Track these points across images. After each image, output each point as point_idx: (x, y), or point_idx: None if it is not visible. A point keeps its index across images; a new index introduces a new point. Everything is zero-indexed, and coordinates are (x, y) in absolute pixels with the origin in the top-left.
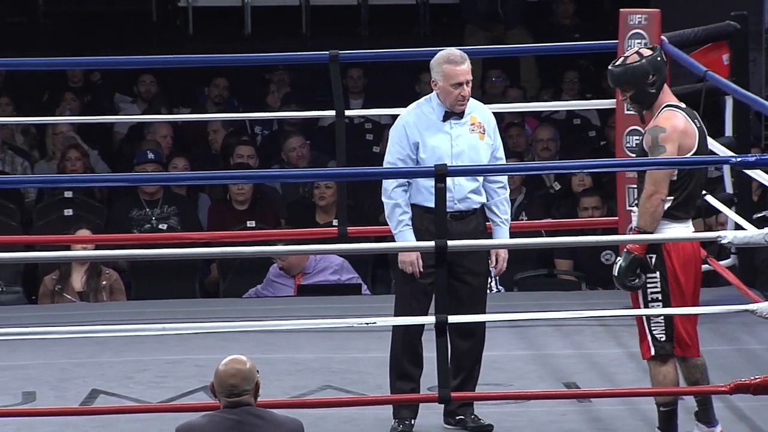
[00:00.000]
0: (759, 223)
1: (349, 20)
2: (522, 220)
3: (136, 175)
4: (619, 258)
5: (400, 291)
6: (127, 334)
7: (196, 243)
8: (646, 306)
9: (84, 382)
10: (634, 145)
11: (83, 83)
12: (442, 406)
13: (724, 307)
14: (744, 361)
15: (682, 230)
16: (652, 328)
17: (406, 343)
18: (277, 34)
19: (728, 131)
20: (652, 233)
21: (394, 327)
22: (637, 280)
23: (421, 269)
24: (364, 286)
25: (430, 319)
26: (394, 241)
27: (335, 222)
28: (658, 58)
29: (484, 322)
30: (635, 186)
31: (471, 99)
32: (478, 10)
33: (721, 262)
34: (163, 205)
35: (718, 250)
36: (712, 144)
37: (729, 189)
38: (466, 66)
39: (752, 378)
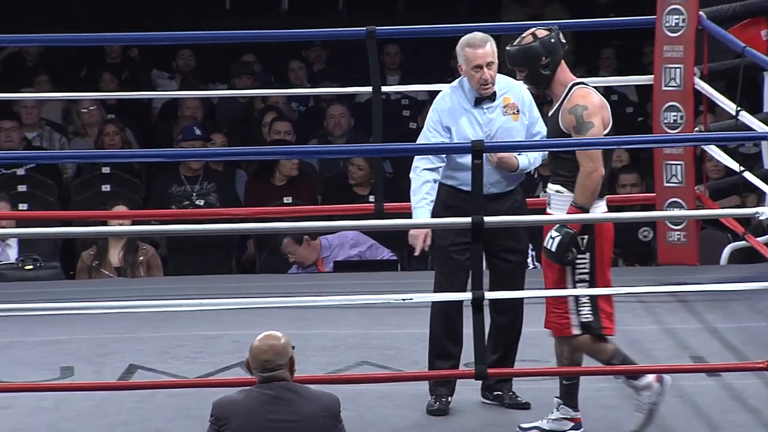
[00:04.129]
0: None
1: None
2: None
3: (170, 151)
4: (555, 233)
5: (438, 269)
6: (164, 310)
7: (232, 219)
8: (574, 286)
9: (121, 357)
10: (671, 121)
11: (121, 59)
12: (480, 381)
13: (761, 283)
14: None
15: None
16: (580, 309)
17: (446, 321)
18: (314, 10)
19: (766, 107)
20: (588, 211)
21: (433, 305)
22: (570, 256)
23: (426, 248)
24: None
25: (466, 295)
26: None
27: (372, 198)
28: (552, 40)
29: (523, 299)
30: (673, 162)
31: (505, 78)
32: None
33: (758, 239)
34: (203, 182)
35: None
36: (750, 119)
37: (767, 165)
38: (487, 48)
39: None
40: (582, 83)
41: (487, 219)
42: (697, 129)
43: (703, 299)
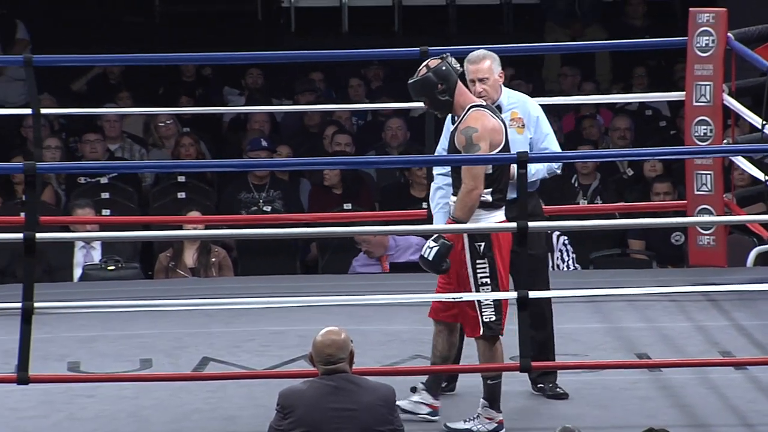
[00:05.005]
0: None
1: (439, 19)
2: (597, 203)
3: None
4: (433, 243)
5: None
6: (234, 307)
7: (296, 224)
8: (477, 290)
9: (195, 350)
10: (702, 134)
11: (195, 78)
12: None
13: None
14: None
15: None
16: (483, 311)
17: None
18: (372, 32)
19: None
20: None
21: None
22: (445, 265)
23: None
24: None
25: (512, 294)
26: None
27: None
28: (443, 68)
29: (550, 299)
30: (703, 172)
31: (516, 93)
32: (558, 9)
33: None
34: (269, 189)
35: None
36: None
37: None
38: (481, 65)
39: None
40: (479, 106)
41: (531, 224)
42: (725, 141)
43: (731, 299)
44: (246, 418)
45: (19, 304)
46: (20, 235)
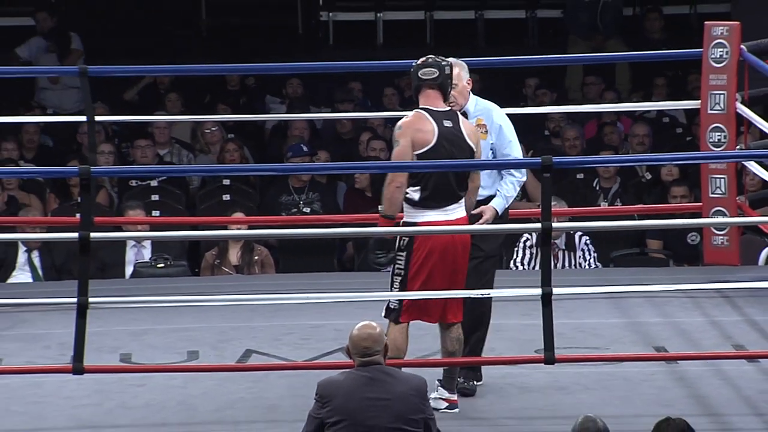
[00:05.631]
0: None
1: (468, 32)
2: (617, 205)
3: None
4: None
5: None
6: (275, 302)
7: (333, 224)
8: (392, 278)
9: (239, 343)
10: (716, 141)
11: (240, 87)
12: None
13: None
14: None
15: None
16: (391, 295)
17: None
18: (405, 44)
19: None
20: (393, 216)
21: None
22: (384, 258)
23: None
24: None
25: (536, 291)
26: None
27: None
28: (411, 70)
29: (491, 299)
30: (718, 176)
31: (484, 102)
32: (580, 23)
33: None
34: (309, 192)
35: None
36: None
37: None
38: (455, 70)
39: None
40: (423, 109)
41: (555, 225)
42: (738, 147)
43: (743, 295)
44: (286, 407)
45: (75, 300)
46: (75, 235)
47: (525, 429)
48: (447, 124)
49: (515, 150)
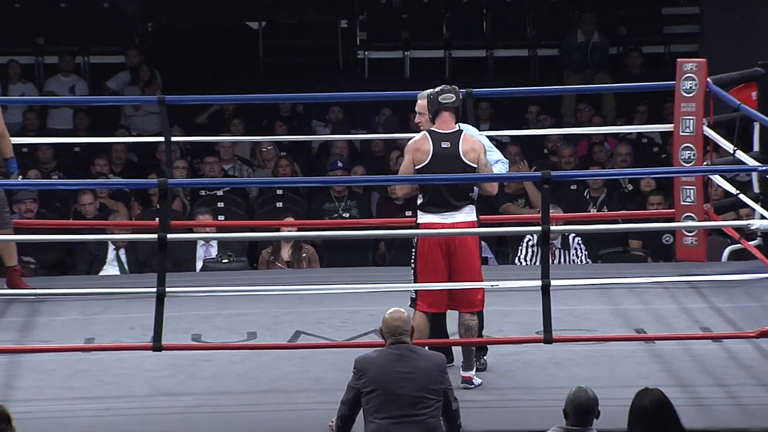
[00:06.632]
0: None
1: (480, 67)
2: (604, 211)
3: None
4: None
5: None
6: (320, 292)
7: (368, 227)
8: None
9: (290, 326)
10: (686, 158)
11: (291, 113)
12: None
13: (752, 275)
14: (767, 314)
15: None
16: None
17: None
18: (428, 77)
19: (756, 148)
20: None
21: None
22: None
23: None
24: (491, 258)
25: (537, 283)
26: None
27: None
28: (431, 97)
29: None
30: (688, 187)
31: (469, 128)
32: (574, 60)
33: (750, 243)
34: (347, 200)
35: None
36: (744, 156)
37: (756, 189)
38: (419, 101)
39: None
40: (428, 131)
41: (553, 228)
42: (705, 163)
43: (710, 286)
44: (329, 379)
45: (154, 289)
46: (155, 236)
47: (527, 398)
48: (445, 145)
49: (496, 154)
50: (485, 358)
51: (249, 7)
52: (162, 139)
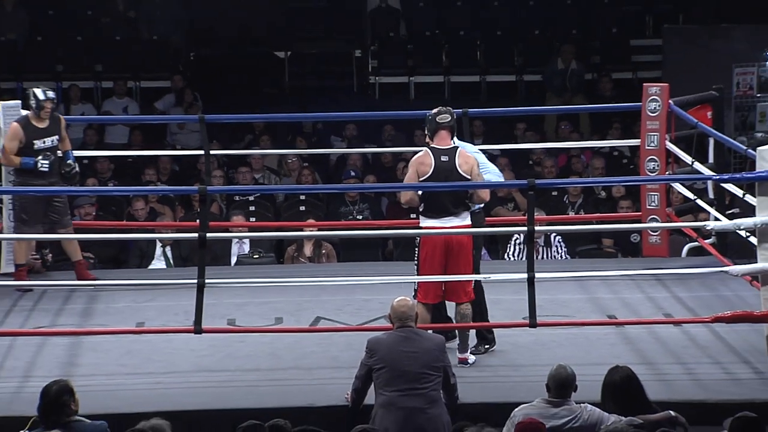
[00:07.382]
0: (730, 217)
1: (474, 90)
2: (581, 214)
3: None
4: None
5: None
6: (337, 283)
7: (378, 227)
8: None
9: (311, 312)
10: (652, 168)
11: (312, 129)
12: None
13: (708, 268)
14: (720, 303)
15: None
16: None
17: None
18: (430, 98)
19: (711, 160)
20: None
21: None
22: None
23: None
24: (485, 254)
25: (523, 275)
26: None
27: None
28: (428, 117)
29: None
30: (653, 193)
31: (466, 145)
32: (555, 84)
33: (705, 241)
34: (360, 204)
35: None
36: (701, 167)
37: (711, 195)
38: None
39: (725, 313)
40: (429, 147)
41: (537, 228)
42: (667, 173)
43: (671, 278)
44: (345, 357)
45: (195, 281)
46: (195, 235)
47: (515, 374)
48: (444, 159)
49: (490, 167)
50: (487, 347)
51: (276, 39)
52: (202, 152)
